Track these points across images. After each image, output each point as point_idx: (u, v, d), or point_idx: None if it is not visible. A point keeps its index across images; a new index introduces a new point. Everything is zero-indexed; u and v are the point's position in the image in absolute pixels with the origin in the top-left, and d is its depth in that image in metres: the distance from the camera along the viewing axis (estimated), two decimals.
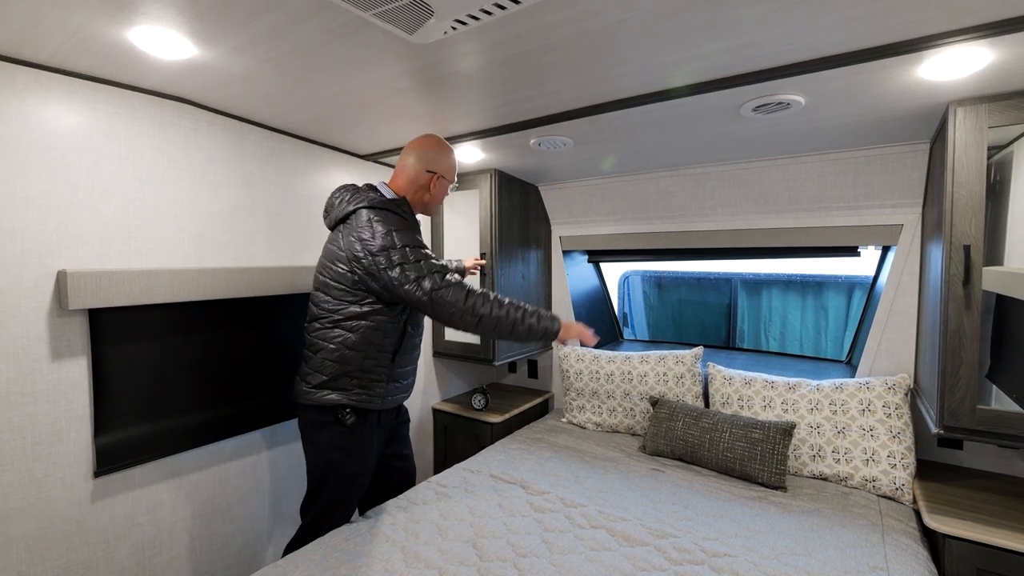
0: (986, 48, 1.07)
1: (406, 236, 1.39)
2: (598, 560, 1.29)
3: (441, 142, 1.57)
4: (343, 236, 1.42)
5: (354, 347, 1.41)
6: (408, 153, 1.55)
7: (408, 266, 1.35)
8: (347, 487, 1.48)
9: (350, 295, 1.41)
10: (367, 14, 0.98)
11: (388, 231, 1.37)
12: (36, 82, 1.27)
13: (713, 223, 2.21)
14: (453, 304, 1.36)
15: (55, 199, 1.31)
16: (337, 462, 1.45)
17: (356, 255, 1.37)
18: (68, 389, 1.35)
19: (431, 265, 1.38)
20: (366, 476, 1.52)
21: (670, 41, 1.10)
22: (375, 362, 1.44)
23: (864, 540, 1.38)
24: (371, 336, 1.42)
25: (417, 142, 1.56)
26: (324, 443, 1.45)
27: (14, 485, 1.26)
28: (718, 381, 2.05)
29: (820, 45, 1.11)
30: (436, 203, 1.59)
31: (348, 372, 1.42)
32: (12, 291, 1.25)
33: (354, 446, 1.46)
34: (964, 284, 1.32)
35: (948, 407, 1.35)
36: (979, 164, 1.30)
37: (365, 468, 1.50)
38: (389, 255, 1.35)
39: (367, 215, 1.41)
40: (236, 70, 1.31)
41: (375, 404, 1.46)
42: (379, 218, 1.40)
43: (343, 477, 1.47)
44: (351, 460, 1.46)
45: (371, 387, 1.45)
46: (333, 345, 1.41)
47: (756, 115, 1.48)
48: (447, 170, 1.57)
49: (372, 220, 1.39)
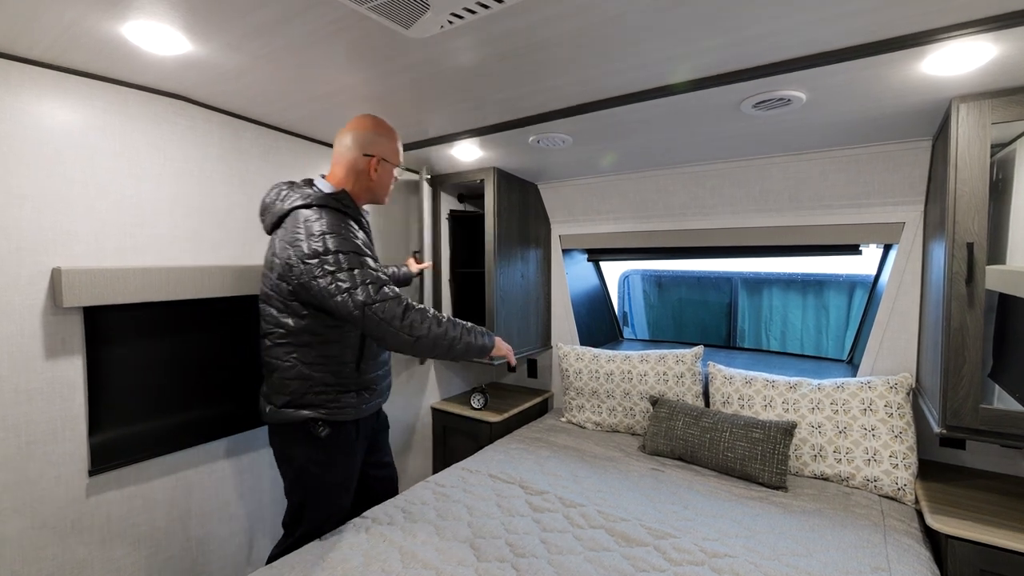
0: (990, 42, 1.06)
1: (341, 240, 1.23)
2: (597, 560, 1.28)
3: (379, 121, 1.41)
4: (279, 241, 1.30)
5: (311, 363, 1.31)
6: (342, 137, 1.39)
7: (340, 275, 1.20)
8: (331, 502, 1.40)
9: (291, 308, 1.29)
10: (362, 7, 0.97)
11: (321, 234, 1.23)
12: (30, 78, 1.26)
13: (713, 221, 2.19)
14: (388, 322, 1.20)
15: (50, 196, 1.30)
16: (316, 476, 1.36)
17: (289, 263, 1.24)
18: (63, 387, 1.34)
19: (366, 275, 1.22)
20: (351, 488, 1.45)
21: (669, 35, 1.09)
22: (338, 375, 1.35)
23: (866, 541, 1.36)
24: (327, 351, 1.32)
25: (351, 123, 1.40)
26: (300, 459, 1.35)
27: (8, 484, 1.25)
28: (718, 380, 2.04)
29: (821, 40, 1.10)
30: (384, 191, 1.45)
31: (310, 390, 1.32)
32: (6, 288, 1.24)
33: (333, 458, 1.37)
34: (967, 282, 1.30)
35: (951, 406, 1.34)
36: (982, 161, 1.28)
37: (348, 480, 1.42)
38: (321, 262, 1.20)
39: (302, 216, 1.27)
40: (231, 66, 1.30)
41: (348, 415, 1.37)
42: (315, 217, 1.25)
43: (326, 493, 1.38)
44: (332, 473, 1.38)
45: (340, 399, 1.35)
46: (288, 363, 1.31)
47: (757, 112, 1.47)
48: (389, 152, 1.41)
49: (307, 221, 1.25)
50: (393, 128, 1.44)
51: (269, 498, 1.84)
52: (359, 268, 1.22)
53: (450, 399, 2.61)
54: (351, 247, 1.24)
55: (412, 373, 2.43)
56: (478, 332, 1.37)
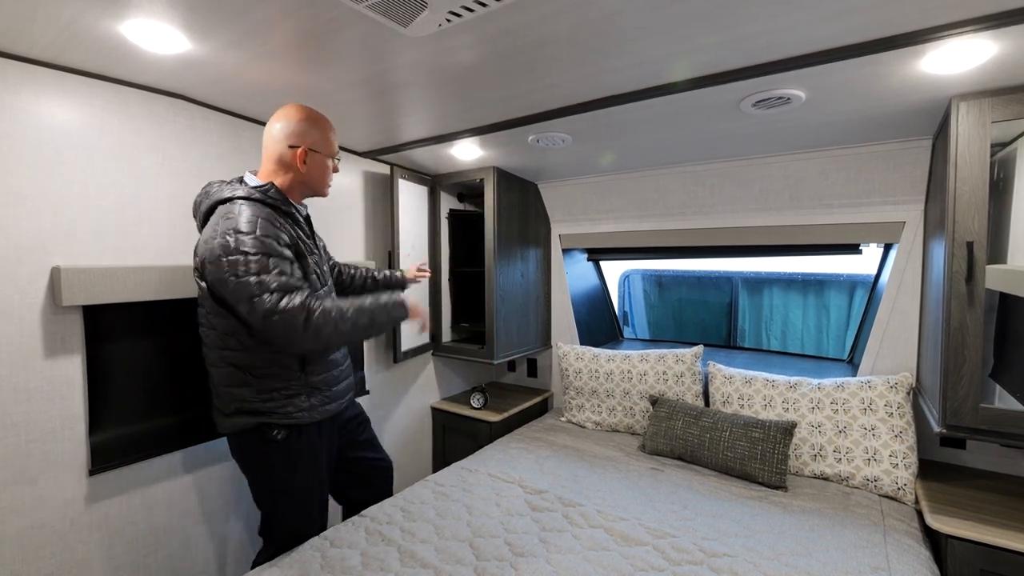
0: (989, 40, 1.06)
1: (253, 239, 1.15)
2: (596, 560, 1.28)
3: (306, 110, 1.33)
4: (202, 238, 1.23)
5: (245, 368, 1.25)
6: (268, 128, 1.32)
7: (247, 278, 1.12)
8: (303, 507, 1.37)
9: (219, 313, 1.23)
10: (360, 6, 0.97)
11: (235, 232, 1.15)
12: (29, 77, 1.26)
13: (714, 220, 2.19)
14: (290, 333, 1.14)
15: (49, 195, 1.30)
16: (283, 481, 1.31)
17: (207, 260, 1.17)
18: (63, 386, 1.34)
19: (273, 280, 1.14)
20: (322, 491, 1.41)
21: (667, 33, 1.09)
22: (281, 378, 1.27)
23: (865, 540, 1.36)
24: (264, 353, 1.25)
25: (277, 113, 1.32)
26: (262, 465, 1.31)
27: (8, 483, 1.25)
28: (718, 380, 2.04)
29: (820, 38, 1.09)
30: (319, 183, 1.36)
31: (258, 395, 1.25)
32: (6, 287, 1.24)
33: (296, 460, 1.32)
34: (967, 281, 1.30)
35: (951, 406, 1.33)
36: (982, 159, 1.28)
37: (316, 482, 1.38)
38: (231, 264, 1.13)
39: (222, 211, 1.20)
40: (230, 64, 1.30)
41: (301, 418, 1.29)
42: (234, 213, 1.18)
43: (294, 497, 1.34)
44: (297, 477, 1.33)
45: (291, 402, 1.28)
46: (224, 368, 1.26)
47: (756, 110, 1.46)
48: (318, 142, 1.32)
49: (225, 218, 1.18)
50: (324, 116, 1.36)
51: None
52: (266, 273, 1.14)
53: (450, 399, 2.60)
54: (262, 248, 1.15)
55: (413, 373, 2.43)
56: (386, 307, 1.31)
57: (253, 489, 1.37)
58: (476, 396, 2.41)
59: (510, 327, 2.36)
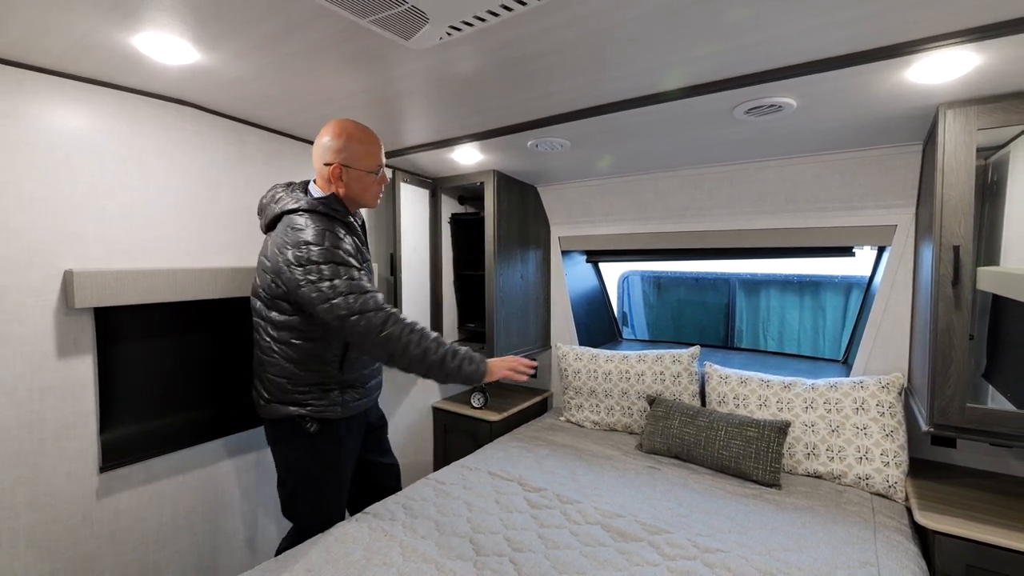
0: (973, 52, 1.09)
1: (323, 250, 1.24)
2: (593, 555, 1.31)
3: (341, 126, 1.35)
4: (272, 243, 1.33)
5: (294, 362, 1.35)
6: (313, 148, 1.39)
7: (322, 284, 1.22)
8: (324, 496, 1.44)
9: (279, 308, 1.33)
10: (364, 20, 1.01)
11: (306, 243, 1.24)
12: (42, 86, 1.30)
13: (711, 223, 2.23)
14: (365, 335, 1.22)
15: (61, 200, 1.34)
16: (306, 471, 1.41)
17: (279, 267, 1.28)
18: (75, 386, 1.38)
19: (349, 285, 1.23)
20: (343, 483, 1.48)
21: (661, 44, 1.12)
22: (321, 374, 1.37)
23: (856, 537, 1.39)
24: (310, 349, 1.34)
25: (319, 132, 1.38)
26: (291, 454, 1.41)
27: (22, 480, 1.29)
28: (714, 380, 2.07)
29: (809, 49, 1.13)
30: (361, 197, 1.40)
31: (295, 389, 1.36)
32: (20, 290, 1.28)
33: (323, 453, 1.41)
34: (954, 284, 1.33)
35: (938, 405, 1.37)
36: (968, 165, 1.31)
37: (340, 475, 1.45)
38: (305, 271, 1.23)
39: (292, 221, 1.30)
40: (237, 74, 1.34)
41: (334, 413, 1.39)
42: (303, 224, 1.28)
43: (316, 487, 1.42)
44: (322, 468, 1.42)
45: (325, 396, 1.38)
46: (274, 359, 1.36)
47: (749, 117, 1.50)
48: (353, 158, 1.35)
49: (295, 228, 1.28)
50: (362, 131, 1.37)
51: (273, 494, 1.88)
52: (339, 278, 1.23)
53: (451, 399, 2.64)
54: (333, 257, 1.24)
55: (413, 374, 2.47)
56: (466, 358, 1.31)
57: (278, 471, 1.46)
58: (476, 396, 2.45)
59: (510, 328, 2.40)
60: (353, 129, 1.37)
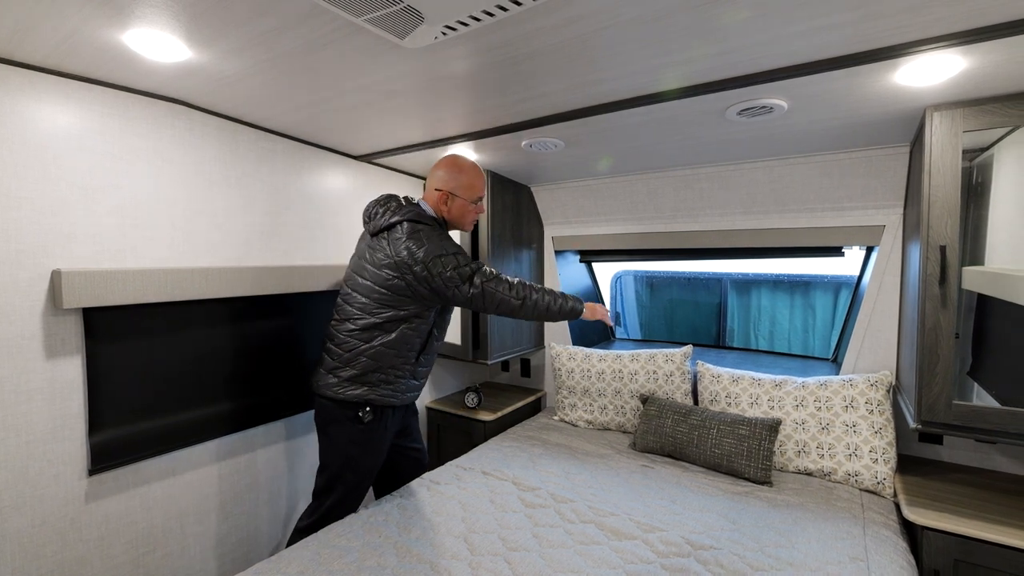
0: (959, 55, 1.11)
1: (450, 243, 1.54)
2: (587, 554, 1.32)
3: (453, 161, 1.65)
4: (390, 244, 1.52)
5: (390, 346, 1.53)
6: (429, 173, 1.67)
7: (461, 268, 1.49)
8: (360, 481, 1.58)
9: (393, 299, 1.51)
10: (358, 19, 1.01)
11: (432, 240, 1.51)
12: (30, 83, 1.28)
13: (703, 223, 2.25)
14: (500, 295, 1.52)
15: (49, 199, 1.32)
16: (352, 457, 1.55)
17: (406, 262, 1.48)
18: (63, 387, 1.36)
19: (479, 264, 1.54)
20: (377, 469, 1.63)
21: (653, 46, 1.13)
22: (403, 360, 1.56)
23: (846, 532, 1.41)
24: (407, 337, 1.54)
25: (436, 163, 1.67)
26: (341, 439, 1.55)
27: (8, 483, 1.27)
28: (706, 379, 2.09)
29: (799, 51, 1.14)
30: (460, 220, 1.66)
31: (379, 368, 1.53)
32: (7, 290, 1.26)
33: (369, 442, 1.56)
34: (940, 283, 1.36)
35: (926, 402, 1.39)
36: (954, 167, 1.34)
37: (378, 462, 1.62)
38: (442, 260, 1.48)
39: (417, 227, 1.53)
40: (230, 72, 1.33)
41: (396, 400, 1.58)
42: (428, 229, 1.54)
43: (357, 472, 1.57)
44: (366, 455, 1.57)
45: (395, 383, 1.56)
46: (369, 344, 1.52)
47: (740, 118, 1.51)
48: (459, 188, 1.62)
49: (418, 231, 1.52)
50: (469, 166, 1.64)
51: (266, 496, 1.87)
52: (470, 263, 1.53)
53: (444, 398, 2.64)
54: (458, 248, 1.55)
55: None
56: (569, 297, 1.65)
57: (323, 456, 1.59)
58: (470, 396, 2.45)
59: (504, 328, 2.40)
60: (463, 164, 1.64)
